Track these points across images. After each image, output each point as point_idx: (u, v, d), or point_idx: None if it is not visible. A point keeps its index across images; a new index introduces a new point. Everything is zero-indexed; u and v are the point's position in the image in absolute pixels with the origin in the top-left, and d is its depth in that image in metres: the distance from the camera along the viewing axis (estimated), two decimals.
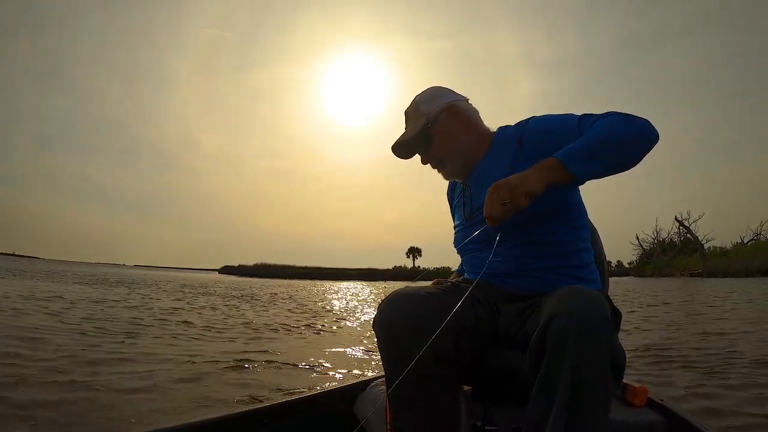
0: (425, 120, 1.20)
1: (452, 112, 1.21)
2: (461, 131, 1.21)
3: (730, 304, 7.96)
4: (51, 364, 2.84)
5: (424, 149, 1.23)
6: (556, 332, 0.78)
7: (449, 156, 1.21)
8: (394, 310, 0.99)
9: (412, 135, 1.21)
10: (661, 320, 5.90)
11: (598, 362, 0.76)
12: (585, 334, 0.76)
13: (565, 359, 0.76)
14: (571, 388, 0.76)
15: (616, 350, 0.78)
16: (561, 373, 0.77)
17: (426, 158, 1.24)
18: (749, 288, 13.16)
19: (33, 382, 2.42)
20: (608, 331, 0.77)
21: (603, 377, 0.76)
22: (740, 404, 2.19)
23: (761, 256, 22.66)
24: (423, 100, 1.23)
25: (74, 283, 12.40)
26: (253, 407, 1.25)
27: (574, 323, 0.77)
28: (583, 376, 0.75)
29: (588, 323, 0.77)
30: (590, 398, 0.76)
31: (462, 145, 1.21)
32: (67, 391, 2.31)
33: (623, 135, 0.96)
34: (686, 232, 31.31)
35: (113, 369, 2.82)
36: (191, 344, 3.94)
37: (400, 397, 0.99)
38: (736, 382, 2.57)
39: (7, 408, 2.01)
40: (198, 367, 3.01)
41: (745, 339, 4.10)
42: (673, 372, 2.90)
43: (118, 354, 3.27)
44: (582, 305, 0.79)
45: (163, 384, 2.53)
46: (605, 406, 0.78)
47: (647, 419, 1.20)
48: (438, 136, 1.20)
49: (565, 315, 0.78)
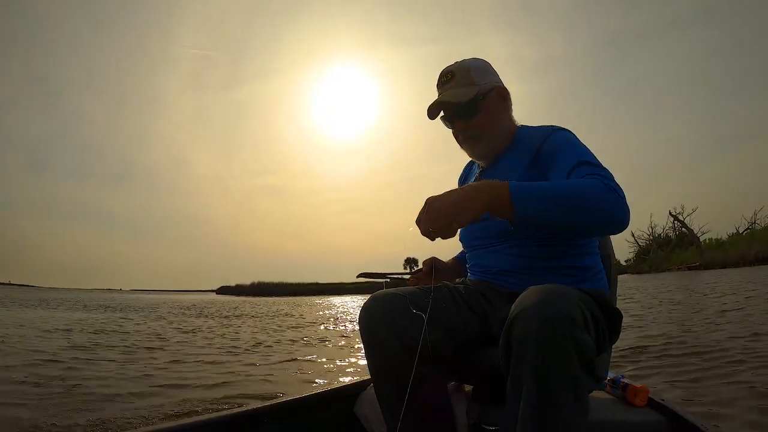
0: (477, 90, 1.17)
1: (502, 95, 1.21)
2: (504, 116, 1.20)
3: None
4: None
5: (466, 118, 1.18)
6: (519, 331, 0.79)
7: (487, 135, 1.19)
8: (373, 313, 1.05)
9: (463, 99, 1.16)
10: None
11: (561, 357, 0.76)
12: (545, 330, 0.77)
13: (527, 357, 0.78)
14: (535, 384, 0.77)
15: (582, 344, 0.78)
16: (526, 370, 0.78)
17: (463, 128, 1.19)
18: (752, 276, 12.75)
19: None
20: (569, 326, 0.77)
21: (568, 372, 0.76)
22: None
23: (757, 245, 22.40)
24: (476, 69, 1.19)
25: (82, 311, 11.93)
26: (253, 407, 1.25)
27: (534, 321, 0.78)
28: (548, 372, 0.76)
29: (547, 320, 0.77)
30: (557, 393, 0.76)
31: (500, 130, 1.19)
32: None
33: (591, 203, 0.90)
34: (681, 226, 31.17)
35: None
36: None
37: (387, 396, 1.04)
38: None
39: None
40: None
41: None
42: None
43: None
44: (542, 303, 0.80)
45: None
46: (576, 400, 0.77)
47: (648, 419, 1.20)
48: (484, 111, 1.17)
49: (526, 314, 0.79)
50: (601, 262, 1.18)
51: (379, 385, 1.08)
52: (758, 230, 27.30)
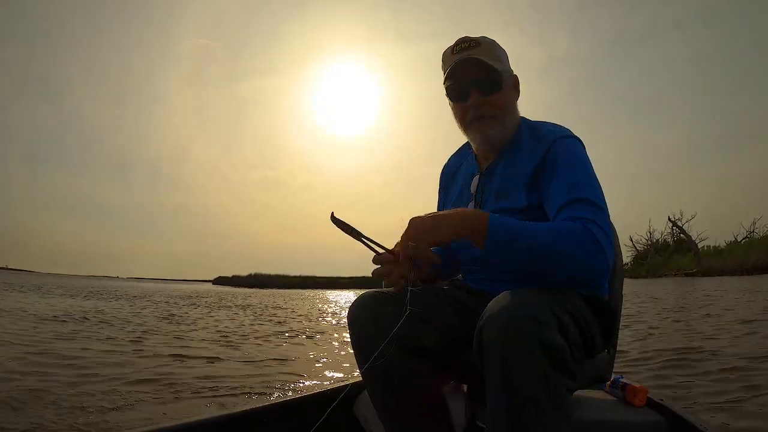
0: (502, 67, 1.11)
1: (516, 84, 1.17)
2: (515, 105, 1.17)
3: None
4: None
5: (489, 91, 1.11)
6: (486, 335, 0.82)
7: (503, 117, 1.13)
8: (360, 313, 1.06)
9: (492, 66, 1.09)
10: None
11: (527, 359, 0.77)
12: (509, 333, 0.79)
13: (495, 360, 0.80)
14: (503, 385, 0.79)
15: (551, 344, 0.79)
16: (494, 373, 0.80)
17: (481, 102, 1.11)
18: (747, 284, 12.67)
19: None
20: (535, 328, 0.78)
21: (537, 372, 0.77)
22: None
23: (755, 253, 22.33)
24: (499, 48, 1.14)
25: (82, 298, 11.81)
26: (252, 407, 1.25)
27: (499, 325, 0.81)
28: (515, 373, 0.78)
29: (511, 323, 0.79)
30: (526, 394, 0.77)
31: (513, 117, 1.15)
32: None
33: (567, 257, 0.90)
34: (679, 232, 31.15)
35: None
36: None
37: (379, 395, 1.06)
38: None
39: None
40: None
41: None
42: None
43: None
44: (508, 306, 0.82)
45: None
46: (549, 399, 0.78)
47: (647, 419, 1.20)
48: (505, 91, 1.12)
49: (493, 318, 0.82)
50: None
51: (370, 384, 1.09)
52: (756, 239, 27.26)
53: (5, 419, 1.92)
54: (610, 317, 1.06)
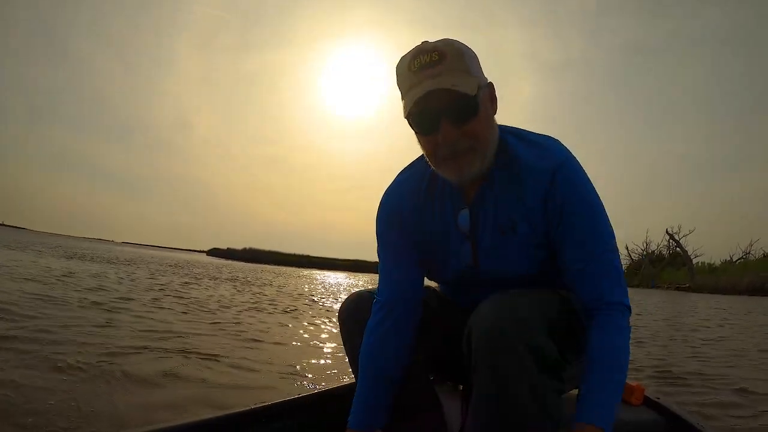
0: (477, 83, 0.85)
1: (493, 95, 0.91)
2: (493, 121, 0.92)
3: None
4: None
5: (462, 120, 0.86)
6: (474, 340, 0.81)
7: (482, 148, 0.88)
8: (352, 314, 1.07)
9: (467, 92, 0.83)
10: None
11: (513, 361, 0.77)
12: (494, 336, 0.78)
13: (481, 364, 0.80)
14: (491, 389, 0.79)
15: (538, 346, 0.78)
16: (481, 377, 0.80)
17: (455, 133, 0.86)
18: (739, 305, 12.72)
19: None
20: (521, 331, 0.78)
21: (524, 374, 0.77)
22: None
23: (750, 275, 22.44)
24: (468, 55, 0.87)
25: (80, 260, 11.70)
26: (251, 407, 1.24)
27: (484, 328, 0.80)
28: (500, 380, 0.77)
29: (496, 326, 0.79)
30: (514, 396, 0.77)
31: (492, 140, 0.91)
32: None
33: (625, 373, 0.87)
34: (676, 246, 31.26)
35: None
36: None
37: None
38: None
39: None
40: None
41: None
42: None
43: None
44: (493, 310, 0.81)
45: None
46: (535, 401, 0.77)
47: (644, 418, 1.20)
48: (482, 113, 0.87)
49: (479, 322, 0.82)
50: None
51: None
52: (752, 261, 27.42)
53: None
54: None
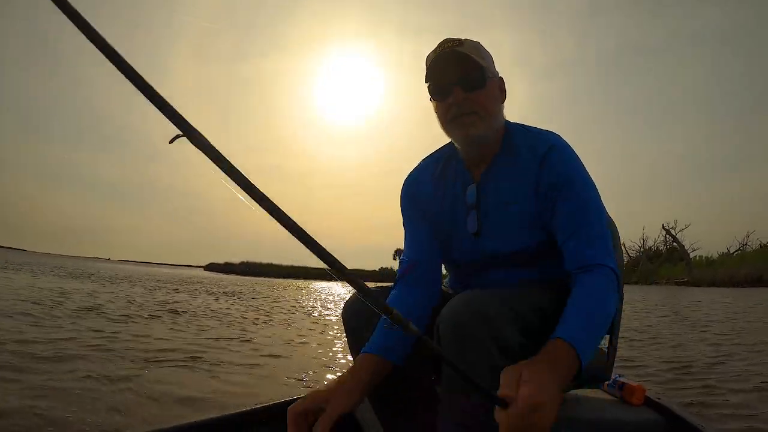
0: (486, 66, 1.06)
1: (502, 87, 1.13)
2: (500, 108, 1.11)
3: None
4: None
5: (472, 88, 1.05)
6: (441, 336, 0.88)
7: (486, 116, 1.06)
8: (356, 310, 1.10)
9: (475, 61, 1.04)
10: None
11: (477, 354, 0.82)
12: (457, 331, 0.84)
13: (446, 353, 0.82)
14: (454, 377, 0.86)
15: (503, 339, 0.83)
16: (446, 368, 0.89)
17: (464, 96, 1.05)
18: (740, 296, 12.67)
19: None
20: (483, 324, 0.83)
21: (488, 366, 0.81)
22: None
23: (747, 266, 22.43)
24: (484, 51, 1.09)
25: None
26: (251, 407, 1.26)
27: (447, 320, 0.87)
28: (465, 360, 0.82)
29: (459, 321, 0.85)
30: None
31: (496, 118, 1.09)
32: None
33: (611, 316, 0.93)
34: (672, 241, 31.25)
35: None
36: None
37: (375, 394, 1.06)
38: None
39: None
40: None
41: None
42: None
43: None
44: (457, 306, 0.87)
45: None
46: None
47: (644, 417, 1.21)
48: (489, 89, 1.07)
49: (444, 319, 0.88)
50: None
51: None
52: (749, 252, 27.45)
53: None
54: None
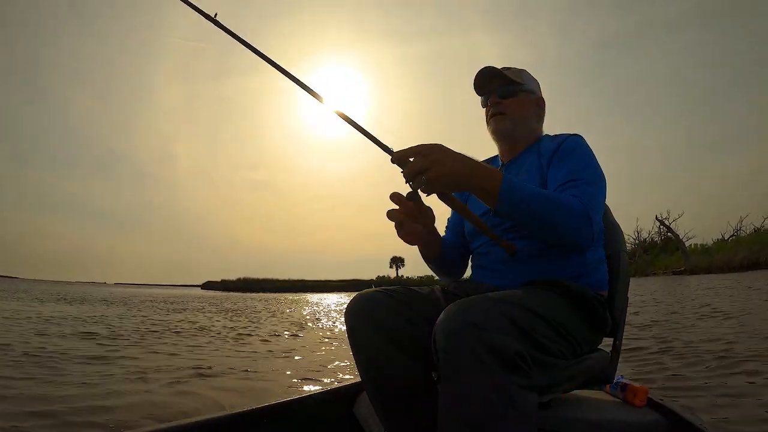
0: (522, 82, 1.30)
1: (540, 104, 1.35)
2: (533, 118, 1.32)
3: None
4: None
5: (504, 95, 1.29)
6: (436, 342, 0.88)
7: (513, 119, 1.28)
8: (357, 312, 1.10)
9: (509, 76, 1.28)
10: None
11: (471, 361, 0.82)
12: (450, 340, 0.84)
13: (445, 365, 0.85)
14: (452, 380, 0.84)
15: (497, 346, 0.83)
16: (445, 376, 0.86)
17: (495, 102, 1.30)
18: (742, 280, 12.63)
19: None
20: (477, 333, 0.83)
21: (485, 374, 0.81)
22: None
23: (743, 251, 22.48)
24: (527, 75, 1.33)
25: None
26: (252, 407, 1.25)
27: (441, 332, 0.86)
28: (462, 373, 0.83)
29: (452, 329, 0.85)
30: (478, 399, 0.81)
31: (525, 123, 1.30)
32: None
33: (563, 221, 1.00)
34: (667, 231, 31.35)
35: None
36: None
37: (378, 394, 1.09)
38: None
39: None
40: None
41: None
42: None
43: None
44: (453, 314, 0.87)
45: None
46: (500, 400, 0.81)
47: (647, 419, 1.21)
48: (520, 100, 1.29)
49: (440, 327, 0.88)
50: (607, 259, 1.25)
51: (368, 384, 1.11)
52: (743, 237, 27.53)
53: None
54: (601, 316, 1.09)
